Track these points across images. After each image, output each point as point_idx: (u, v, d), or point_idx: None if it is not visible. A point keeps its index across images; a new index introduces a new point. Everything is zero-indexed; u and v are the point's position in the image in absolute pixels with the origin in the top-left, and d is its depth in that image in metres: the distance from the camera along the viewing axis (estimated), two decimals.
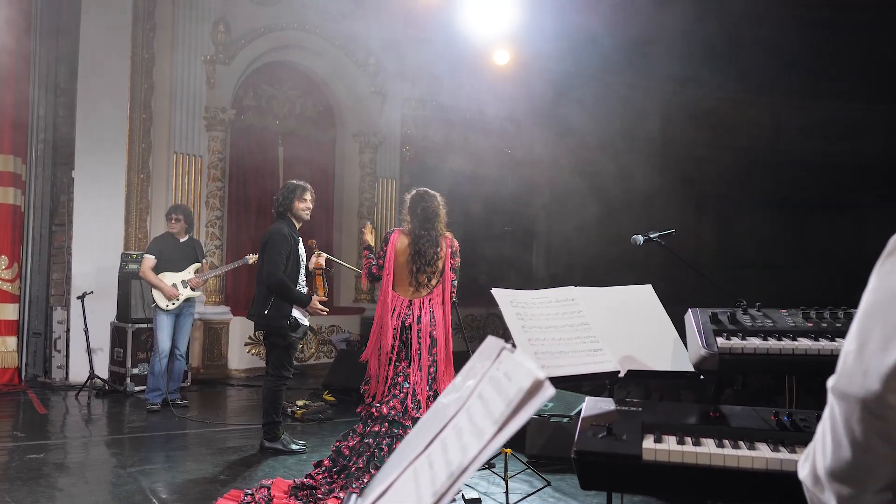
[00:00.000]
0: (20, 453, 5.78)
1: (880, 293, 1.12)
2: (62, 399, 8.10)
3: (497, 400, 1.07)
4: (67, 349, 8.96)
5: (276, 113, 10.70)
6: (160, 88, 9.51)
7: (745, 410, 2.36)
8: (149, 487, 4.99)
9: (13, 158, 8.71)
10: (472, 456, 1.00)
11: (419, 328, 4.95)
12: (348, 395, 8.32)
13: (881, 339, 1.10)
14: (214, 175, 9.82)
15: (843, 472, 1.16)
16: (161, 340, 7.68)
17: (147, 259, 7.72)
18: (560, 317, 2.82)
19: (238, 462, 5.75)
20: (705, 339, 2.50)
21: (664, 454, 2.01)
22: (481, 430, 1.04)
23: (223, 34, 9.81)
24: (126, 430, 6.82)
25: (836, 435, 1.16)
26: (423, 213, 5.09)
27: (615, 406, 2.22)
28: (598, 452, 2.00)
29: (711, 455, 1.99)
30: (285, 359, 5.94)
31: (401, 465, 1.27)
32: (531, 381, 0.99)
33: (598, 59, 11.90)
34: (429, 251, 5.01)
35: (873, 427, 1.12)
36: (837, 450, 1.16)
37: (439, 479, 1.04)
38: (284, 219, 6.00)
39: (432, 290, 5.05)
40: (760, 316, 2.71)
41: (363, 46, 10.97)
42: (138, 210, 9.32)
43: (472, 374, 1.35)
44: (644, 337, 2.88)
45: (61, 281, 9.23)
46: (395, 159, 11.60)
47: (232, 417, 7.55)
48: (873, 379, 1.10)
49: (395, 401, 4.96)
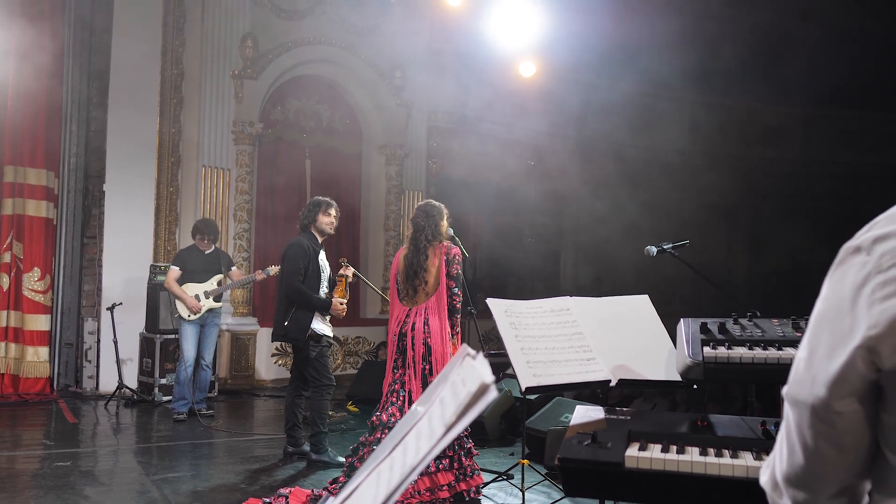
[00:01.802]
0: (49, 461, 5.90)
1: (830, 302, 1.15)
2: (92, 408, 8.25)
3: (451, 403, 1.11)
4: (98, 359, 9.12)
5: (303, 126, 10.83)
6: (189, 103, 9.68)
7: (733, 420, 2.36)
8: (171, 495, 5.08)
9: (46, 173, 8.90)
10: (422, 455, 1.04)
11: (413, 335, 5.04)
12: (372, 406, 8.35)
13: (828, 346, 1.12)
14: (242, 188, 9.96)
15: (798, 477, 1.19)
16: (186, 350, 7.79)
17: (172, 270, 7.86)
18: (554, 326, 2.85)
19: (260, 471, 5.82)
20: (691, 349, 2.52)
21: (646, 462, 2.03)
22: (433, 432, 1.08)
23: (251, 49, 9.96)
24: (153, 440, 6.93)
25: (791, 441, 1.19)
26: (414, 224, 5.27)
27: (604, 415, 2.24)
28: (581, 460, 2.03)
29: (693, 463, 2.00)
30: (320, 368, 5.99)
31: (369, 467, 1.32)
32: (477, 385, 1.03)
33: (624, 71, 11.90)
34: (415, 260, 5.12)
35: (822, 433, 1.14)
36: (792, 455, 1.19)
37: (394, 479, 1.08)
38: (307, 232, 6.11)
39: (429, 298, 5.12)
40: (751, 326, 2.71)
41: (389, 59, 11.08)
42: (167, 223, 9.48)
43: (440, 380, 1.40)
44: (638, 346, 2.90)
45: (92, 292, 9.40)
46: (421, 171, 11.67)
47: (257, 427, 7.64)
48: (820, 386, 1.12)
49: (393, 408, 5.06)
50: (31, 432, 7.12)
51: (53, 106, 9.02)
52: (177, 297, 7.81)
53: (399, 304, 5.22)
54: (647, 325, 3.03)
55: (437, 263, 5.13)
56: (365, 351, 10.72)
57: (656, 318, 3.06)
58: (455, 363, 1.37)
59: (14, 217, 8.74)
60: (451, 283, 5.11)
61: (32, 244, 8.83)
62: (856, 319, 1.08)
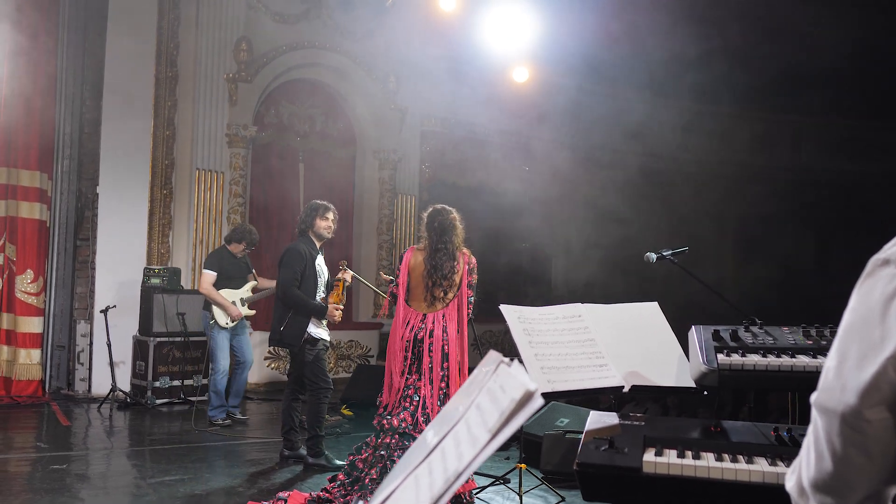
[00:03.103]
0: (44, 464, 5.89)
1: (859, 312, 1.18)
2: (85, 411, 8.22)
3: (492, 410, 1.14)
4: (90, 362, 9.09)
5: (297, 130, 10.84)
6: (183, 106, 9.68)
7: (745, 426, 2.40)
8: (168, 499, 5.07)
9: (39, 174, 8.88)
10: (467, 462, 1.07)
11: (431, 342, 4.98)
12: (366, 410, 8.37)
13: (858, 356, 1.16)
14: (236, 191, 9.96)
15: (826, 483, 1.22)
16: (220, 360, 7.58)
17: (208, 275, 7.60)
18: (566, 332, 2.88)
19: (257, 474, 5.83)
20: (706, 356, 2.56)
21: (664, 467, 2.07)
22: (476, 438, 1.10)
23: (245, 52, 9.97)
24: (147, 443, 6.92)
25: (819, 448, 1.22)
26: (440, 226, 5.11)
27: (619, 420, 2.28)
28: (599, 465, 2.06)
29: (710, 468, 2.04)
30: (318, 371, 5.98)
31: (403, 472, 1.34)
32: (521, 393, 1.06)
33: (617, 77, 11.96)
34: (445, 265, 5.02)
35: (852, 440, 1.17)
36: (820, 462, 1.22)
37: (437, 484, 1.10)
38: (304, 236, 6.09)
39: (447, 305, 5.07)
40: (762, 333, 2.75)
41: (383, 64, 11.11)
42: (161, 225, 9.47)
43: (474, 386, 1.42)
44: (649, 353, 2.94)
45: (85, 295, 9.38)
46: (415, 176, 11.70)
47: (251, 431, 7.63)
48: (851, 394, 1.16)
49: (405, 413, 5.00)
50: (24, 435, 7.10)
51: (47, 108, 8.99)
52: (217, 304, 7.55)
53: (408, 308, 5.13)
54: (657, 331, 3.07)
55: (460, 271, 5.09)
56: (357, 354, 10.72)
57: (666, 325, 3.10)
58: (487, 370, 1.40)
59: (7, 219, 8.72)
60: (470, 292, 5.08)
61: (25, 246, 8.81)
62: (887, 331, 1.12)
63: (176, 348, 8.69)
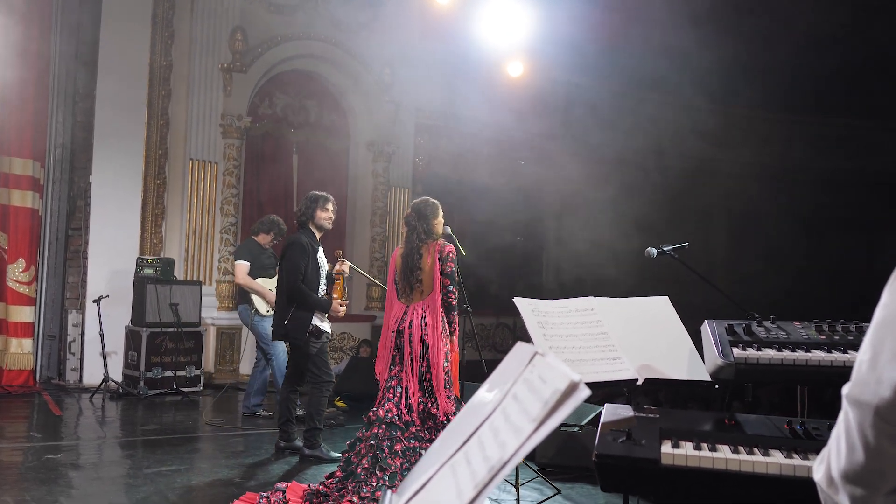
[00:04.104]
0: (38, 454, 5.86)
1: (891, 309, 1.20)
2: (76, 401, 8.19)
3: (532, 400, 1.15)
4: (82, 352, 9.06)
5: (291, 121, 10.81)
6: (177, 95, 9.63)
7: (758, 419, 2.43)
8: (165, 489, 5.07)
9: (32, 162, 8.82)
10: (512, 451, 1.07)
11: (410, 332, 5.10)
12: (360, 402, 8.39)
13: (893, 350, 1.17)
14: (229, 182, 9.93)
15: (856, 474, 1.24)
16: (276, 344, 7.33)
17: (242, 265, 7.49)
18: (580, 326, 2.90)
19: (253, 466, 5.82)
20: (722, 350, 2.59)
21: (682, 459, 2.09)
22: (518, 428, 1.11)
23: (240, 42, 9.93)
24: (142, 433, 6.90)
25: (850, 439, 1.24)
26: (407, 223, 5.32)
27: (633, 412, 2.30)
28: (618, 456, 2.08)
29: (728, 460, 2.07)
30: (321, 364, 5.98)
31: (437, 462, 1.34)
32: (566, 383, 1.06)
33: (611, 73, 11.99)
34: (408, 259, 5.17)
35: (885, 432, 1.19)
36: (851, 453, 1.24)
37: (479, 473, 1.11)
38: (305, 228, 6.06)
39: (425, 297, 5.16)
40: (774, 328, 2.79)
41: (378, 57, 11.08)
42: (154, 216, 9.43)
43: (505, 376, 1.43)
44: (661, 346, 2.96)
45: (77, 284, 9.33)
46: (408, 169, 11.69)
47: (245, 422, 7.61)
48: (885, 387, 1.17)
49: (389, 404, 5.10)
50: (16, 425, 7.07)
51: (40, 96, 8.94)
52: (256, 292, 7.43)
53: (397, 302, 5.27)
54: (668, 325, 3.09)
55: (431, 262, 5.16)
56: (350, 347, 10.72)
57: (677, 319, 3.12)
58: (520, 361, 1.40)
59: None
60: (446, 280, 5.13)
61: (18, 234, 8.76)
62: None
63: (169, 339, 8.67)
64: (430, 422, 5.14)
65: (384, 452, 4.97)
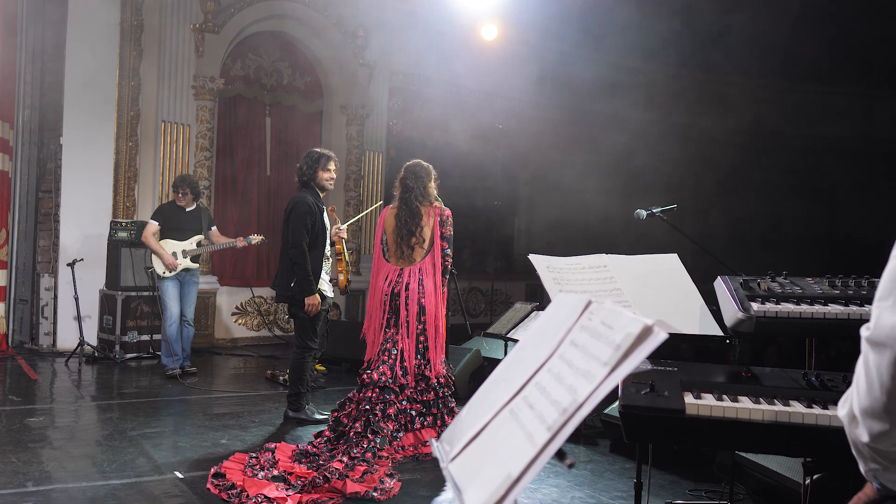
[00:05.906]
0: (19, 417, 5.82)
1: None
2: (50, 365, 8.12)
3: (599, 346, 1.18)
4: (55, 316, 8.96)
5: (264, 83, 10.67)
6: (149, 56, 9.46)
7: (774, 371, 2.51)
8: (152, 450, 5.07)
9: (1, 124, 8.64)
10: (586, 395, 1.11)
11: (407, 295, 5.13)
12: (338, 365, 8.43)
13: None
14: (202, 145, 9.80)
15: (875, 410, 1.35)
16: (170, 307, 7.73)
17: (150, 225, 7.78)
18: (594, 282, 2.95)
19: (236, 427, 5.83)
20: (741, 304, 2.67)
21: (706, 409, 2.17)
22: (588, 372, 1.14)
23: (212, 2, 9.75)
24: (123, 396, 6.87)
25: (870, 379, 1.35)
26: (402, 184, 5.32)
27: (651, 366, 2.36)
28: (643, 407, 2.15)
29: (751, 410, 2.15)
30: (310, 329, 5.91)
31: (490, 409, 1.37)
32: (640, 328, 1.10)
33: (586, 37, 11.99)
34: (408, 220, 5.19)
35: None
36: (870, 391, 1.35)
37: (550, 416, 1.14)
38: (308, 188, 5.95)
39: (423, 259, 5.19)
40: (788, 283, 2.87)
41: (352, 19, 10.95)
42: (126, 178, 9.30)
43: (552, 326, 1.45)
44: (672, 302, 3.04)
45: (48, 248, 9.20)
46: (382, 132, 11.61)
47: (223, 385, 7.59)
48: None
49: (384, 367, 5.15)
50: None
51: (7, 55, 8.72)
52: (154, 252, 7.71)
53: (386, 264, 5.28)
54: (678, 281, 3.16)
55: (431, 224, 5.20)
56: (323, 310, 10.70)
57: (686, 276, 3.19)
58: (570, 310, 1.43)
59: None
60: (445, 244, 5.20)
61: None
62: None
63: (144, 302, 8.61)
64: (422, 384, 5.20)
65: (377, 416, 5.02)
